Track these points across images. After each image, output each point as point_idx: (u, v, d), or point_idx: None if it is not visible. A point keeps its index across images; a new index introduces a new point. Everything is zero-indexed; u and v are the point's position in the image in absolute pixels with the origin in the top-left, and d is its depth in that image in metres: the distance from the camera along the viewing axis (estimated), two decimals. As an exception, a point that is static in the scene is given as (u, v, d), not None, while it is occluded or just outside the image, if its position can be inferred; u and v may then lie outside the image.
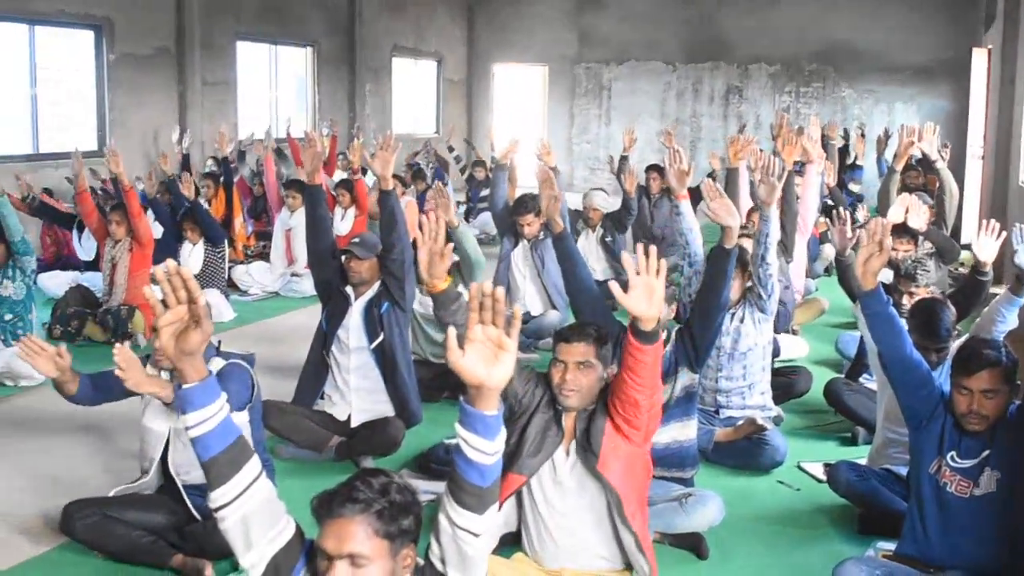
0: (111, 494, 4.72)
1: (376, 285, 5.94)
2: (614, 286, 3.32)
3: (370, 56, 19.55)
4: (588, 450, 3.95)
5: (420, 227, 3.62)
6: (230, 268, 10.50)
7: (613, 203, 10.49)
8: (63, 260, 10.91)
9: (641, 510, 4.08)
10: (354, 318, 5.92)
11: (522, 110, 24.17)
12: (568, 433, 4.05)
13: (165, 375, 4.57)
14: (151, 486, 4.73)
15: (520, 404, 4.07)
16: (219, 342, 4.72)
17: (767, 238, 5.75)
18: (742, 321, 5.96)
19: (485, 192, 14.41)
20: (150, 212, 9.75)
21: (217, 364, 4.53)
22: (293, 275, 10.70)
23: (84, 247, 10.29)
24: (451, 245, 3.82)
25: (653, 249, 3.41)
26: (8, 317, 7.39)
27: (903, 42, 20.52)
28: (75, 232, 10.39)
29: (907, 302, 5.80)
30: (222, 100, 15.94)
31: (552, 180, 5.54)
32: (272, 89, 18.12)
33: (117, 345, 4.31)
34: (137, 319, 8.39)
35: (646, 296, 3.39)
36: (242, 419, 4.58)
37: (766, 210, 5.75)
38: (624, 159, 12.15)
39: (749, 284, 5.95)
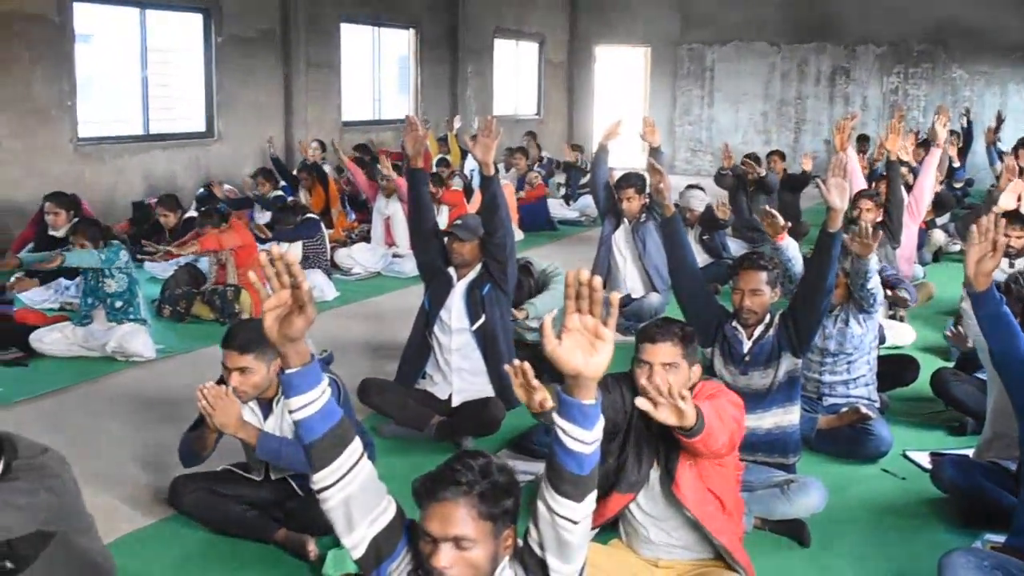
0: (219, 469, 4.83)
1: (478, 267, 5.95)
2: (642, 402, 3.40)
3: (472, 38, 19.59)
4: (667, 471, 3.91)
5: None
6: (332, 250, 10.63)
7: (715, 196, 10.43)
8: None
9: (731, 517, 3.99)
10: (456, 299, 5.94)
11: (623, 92, 24.01)
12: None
13: (253, 405, 4.55)
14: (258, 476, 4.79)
15: (615, 426, 3.97)
16: None
17: (866, 275, 5.66)
18: (846, 323, 5.86)
19: (584, 180, 14.55)
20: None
21: None
22: (395, 256, 10.78)
23: None
24: (545, 394, 3.79)
25: (671, 380, 3.52)
26: (118, 305, 7.56)
27: (1017, 21, 19.92)
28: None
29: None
30: (326, 82, 16.11)
31: (661, 168, 5.46)
32: (375, 71, 18.26)
33: (209, 384, 4.28)
34: (244, 298, 8.57)
35: (673, 413, 3.44)
36: None
37: (861, 261, 5.65)
38: (723, 176, 12.10)
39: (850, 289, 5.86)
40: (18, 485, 3.20)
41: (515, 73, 22.03)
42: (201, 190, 12.75)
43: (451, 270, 6.01)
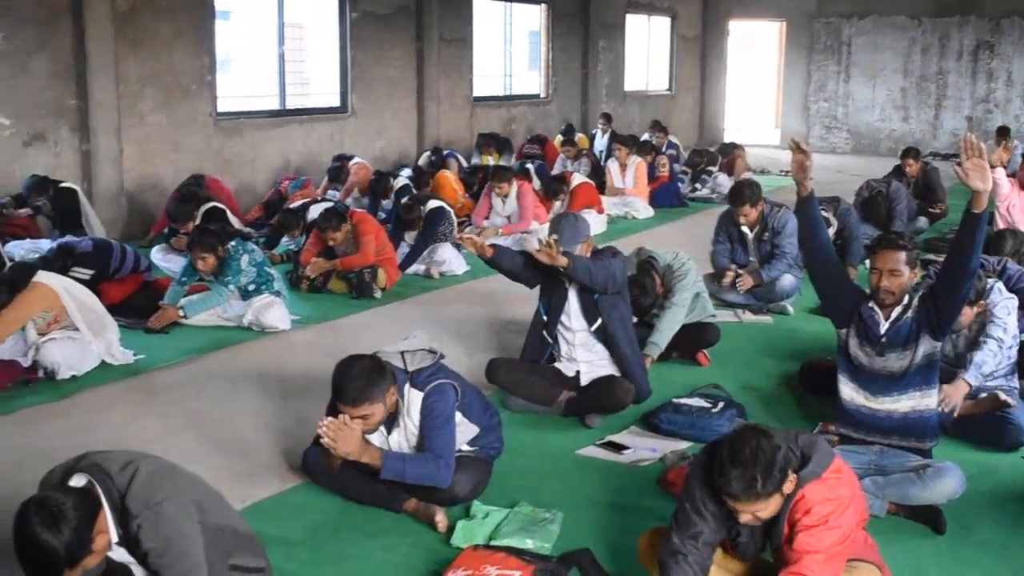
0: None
1: None
2: None
3: (604, 12, 19.46)
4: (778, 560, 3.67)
5: None
6: (460, 226, 10.77)
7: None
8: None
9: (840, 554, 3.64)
10: (573, 304, 5.92)
11: (757, 67, 23.62)
12: None
13: (378, 434, 4.64)
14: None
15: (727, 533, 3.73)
16: (402, 355, 4.71)
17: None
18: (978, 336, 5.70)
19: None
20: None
21: (416, 397, 4.58)
22: (524, 232, 10.80)
23: None
24: None
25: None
26: (251, 288, 7.78)
27: None
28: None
29: None
30: (458, 57, 16.19)
31: (805, 147, 5.32)
32: (506, 46, 18.29)
33: (327, 420, 4.35)
34: (380, 276, 8.77)
35: None
36: (459, 418, 4.69)
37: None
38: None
39: (979, 310, 5.70)
40: (161, 561, 3.32)
41: (646, 48, 21.83)
42: (333, 163, 12.91)
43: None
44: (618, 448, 5.45)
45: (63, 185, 10.13)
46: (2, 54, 10.29)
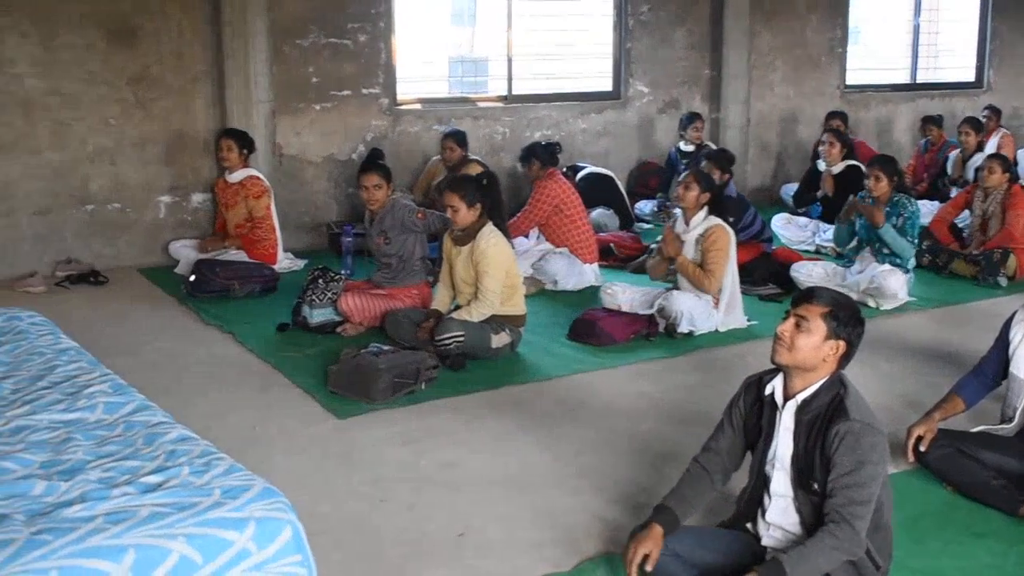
0: (973, 431, 4.75)
1: None
2: None
3: None
4: None
5: None
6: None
7: None
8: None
9: None
10: None
11: None
12: None
13: None
14: (1010, 432, 4.66)
15: None
16: None
17: None
18: None
19: None
20: None
21: None
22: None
23: None
24: None
25: None
26: (886, 251, 7.66)
27: None
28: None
29: None
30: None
31: None
32: None
33: None
34: (1010, 261, 8.23)
35: None
36: None
37: None
38: None
39: None
40: (841, 480, 3.41)
41: None
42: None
43: None
44: None
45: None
46: (646, 26, 10.95)
